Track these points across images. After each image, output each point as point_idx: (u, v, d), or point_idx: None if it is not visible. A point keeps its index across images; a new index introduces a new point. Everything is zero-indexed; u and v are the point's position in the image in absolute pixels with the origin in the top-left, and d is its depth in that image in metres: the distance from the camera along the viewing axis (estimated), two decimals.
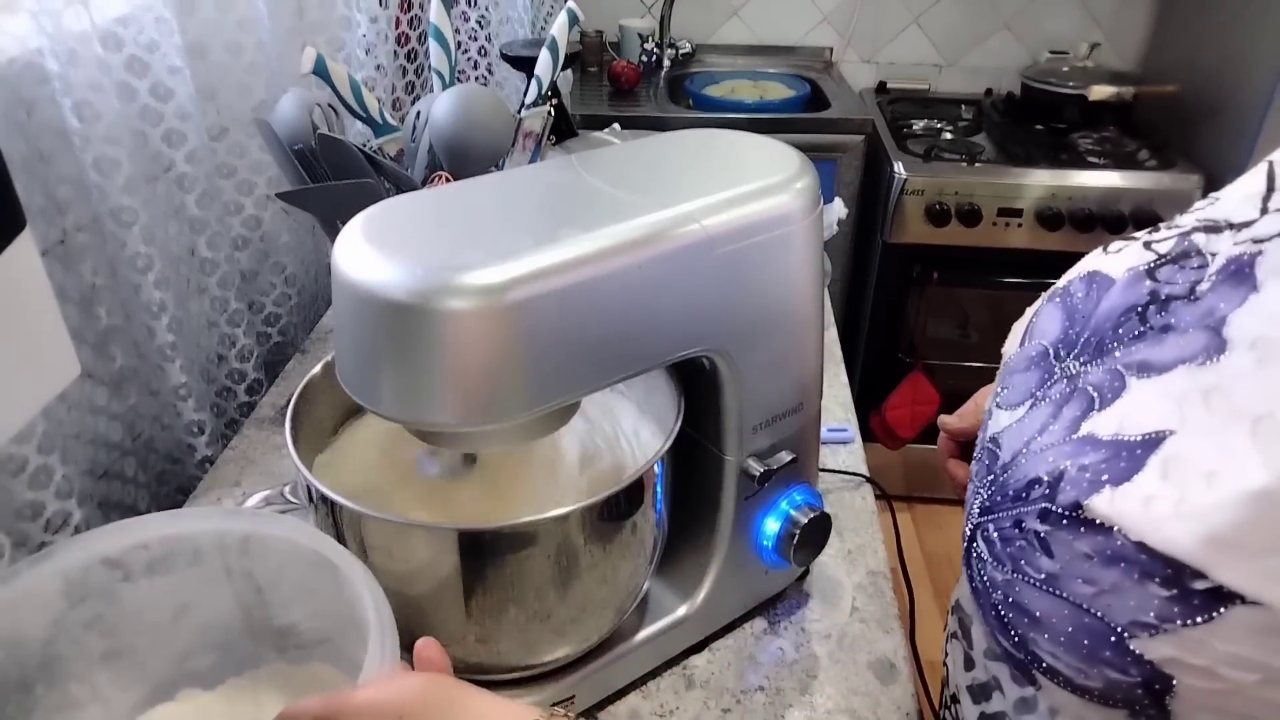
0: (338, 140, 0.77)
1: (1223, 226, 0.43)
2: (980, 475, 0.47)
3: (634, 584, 0.60)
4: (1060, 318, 0.49)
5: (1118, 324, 0.44)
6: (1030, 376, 0.48)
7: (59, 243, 0.73)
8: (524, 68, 1.22)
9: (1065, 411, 0.42)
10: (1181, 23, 2.08)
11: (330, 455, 0.64)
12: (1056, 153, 1.93)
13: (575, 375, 0.49)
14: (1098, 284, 0.48)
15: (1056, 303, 0.50)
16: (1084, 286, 0.49)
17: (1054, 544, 0.39)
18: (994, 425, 0.48)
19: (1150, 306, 0.43)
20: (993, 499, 0.44)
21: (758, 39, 2.34)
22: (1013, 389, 0.48)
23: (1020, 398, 0.47)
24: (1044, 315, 0.51)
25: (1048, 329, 0.49)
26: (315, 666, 0.57)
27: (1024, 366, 0.49)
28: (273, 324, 1.09)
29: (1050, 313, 0.50)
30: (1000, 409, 0.48)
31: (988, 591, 0.43)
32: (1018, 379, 0.48)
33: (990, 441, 0.47)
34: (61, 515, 0.68)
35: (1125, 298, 0.45)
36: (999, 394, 0.50)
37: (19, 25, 0.69)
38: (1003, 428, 0.47)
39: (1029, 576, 0.40)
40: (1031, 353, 0.49)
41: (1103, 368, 0.43)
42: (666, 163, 0.59)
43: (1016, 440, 0.44)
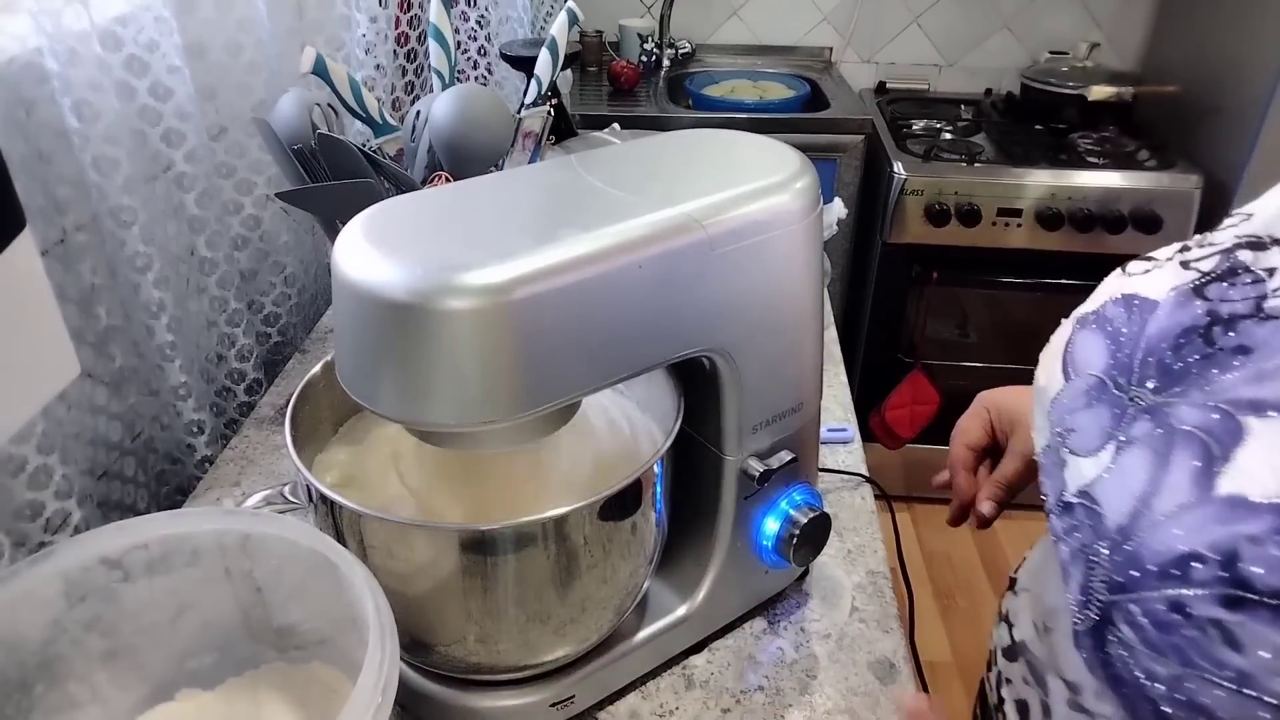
0: (337, 140, 0.77)
1: (1268, 243, 0.41)
2: (1084, 540, 0.41)
3: (634, 584, 0.60)
4: (1103, 344, 0.46)
5: (1176, 345, 0.42)
6: (1098, 415, 0.44)
7: (58, 242, 0.73)
8: (523, 67, 1.22)
9: (1176, 461, 0.38)
10: (1181, 23, 2.08)
11: (329, 454, 0.64)
12: (1056, 153, 1.93)
13: (575, 375, 0.49)
14: (1137, 306, 0.45)
15: (1093, 329, 0.47)
16: (1121, 310, 0.46)
17: (1244, 636, 0.34)
18: (1075, 475, 0.43)
19: (1214, 327, 0.41)
20: (1124, 574, 0.38)
21: (757, 39, 2.34)
22: (1082, 431, 0.44)
23: (1097, 441, 0.43)
24: (1082, 344, 0.47)
25: (1092, 358, 0.46)
26: (315, 666, 0.57)
27: (1083, 403, 0.45)
28: (272, 324, 1.09)
29: (1090, 341, 0.47)
30: (1076, 455, 0.44)
31: (1140, 683, 0.38)
32: (1082, 418, 0.44)
33: (1081, 496, 0.42)
34: (61, 515, 0.68)
35: (1177, 318, 0.42)
36: (1062, 435, 0.45)
37: (18, 25, 0.69)
38: (1092, 479, 0.42)
39: (1208, 673, 0.35)
40: (1084, 386, 0.45)
41: (1194, 404, 0.39)
42: (666, 163, 0.59)
43: (1123, 497, 0.40)
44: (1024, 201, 1.84)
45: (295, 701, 0.56)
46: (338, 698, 0.55)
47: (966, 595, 1.99)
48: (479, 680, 0.60)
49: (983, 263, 1.91)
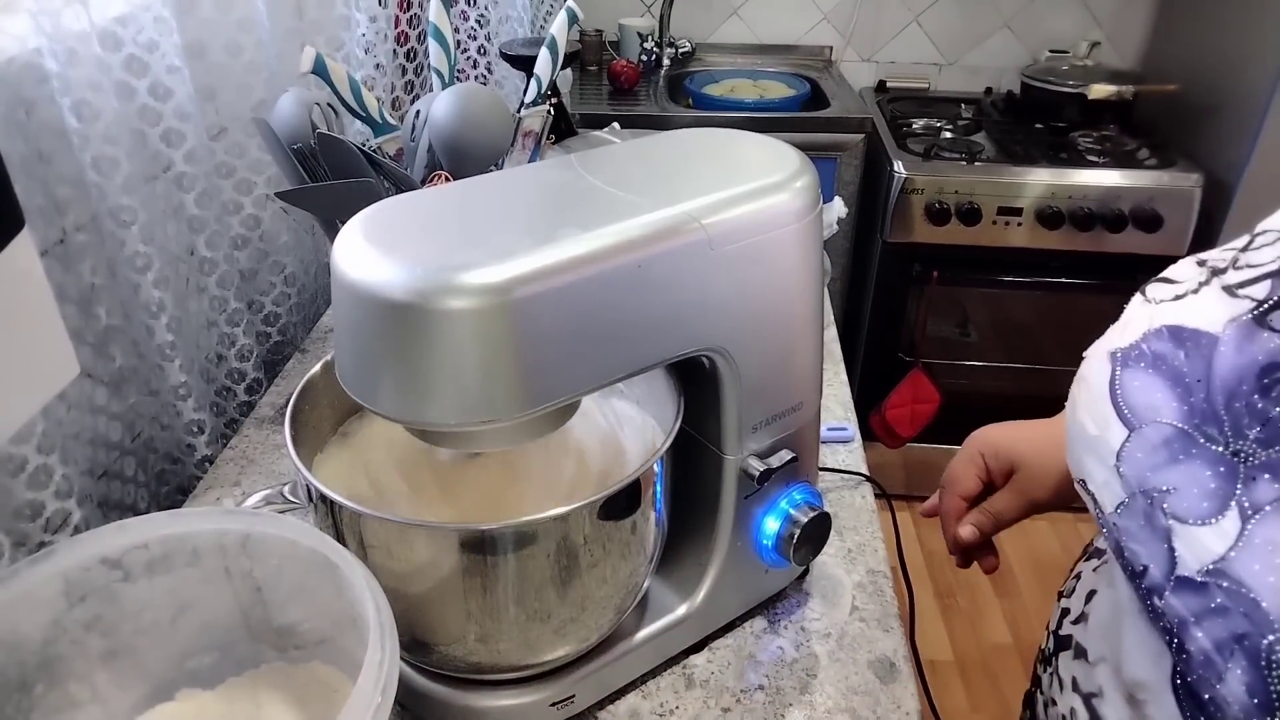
0: (337, 139, 0.77)
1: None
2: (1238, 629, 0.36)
3: (634, 583, 0.60)
4: (1164, 386, 0.41)
5: (1263, 388, 0.38)
6: (1194, 471, 0.39)
7: (58, 242, 0.73)
8: (523, 67, 1.22)
9: None
10: (1181, 22, 2.08)
11: (329, 455, 0.64)
12: (1056, 152, 1.93)
13: (575, 375, 0.49)
14: (1190, 341, 0.41)
15: (1143, 370, 0.43)
16: (1171, 346, 0.42)
17: None
18: (1196, 549, 0.38)
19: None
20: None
21: (757, 38, 2.34)
22: (1183, 493, 0.39)
23: (1209, 505, 0.38)
24: (1137, 387, 0.43)
25: (1158, 404, 0.41)
26: (315, 666, 0.57)
27: (1166, 458, 0.40)
28: (272, 323, 1.09)
29: (1144, 382, 0.42)
30: (1183, 523, 0.39)
31: None
32: (1175, 476, 0.40)
33: (1218, 578, 0.37)
34: (61, 515, 0.68)
35: (1250, 354, 0.39)
36: (1152, 496, 0.41)
37: (18, 25, 0.69)
38: (1222, 554, 0.37)
39: None
40: (1159, 438, 0.41)
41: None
42: (666, 162, 0.59)
43: (1276, 575, 0.35)
44: (1024, 200, 1.84)
45: (295, 701, 0.56)
46: (338, 698, 0.55)
47: (967, 594, 1.99)
48: (479, 680, 0.60)
49: (983, 262, 1.91)
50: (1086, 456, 0.45)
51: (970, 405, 2.00)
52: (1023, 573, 2.01)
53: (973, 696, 1.77)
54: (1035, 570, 2.01)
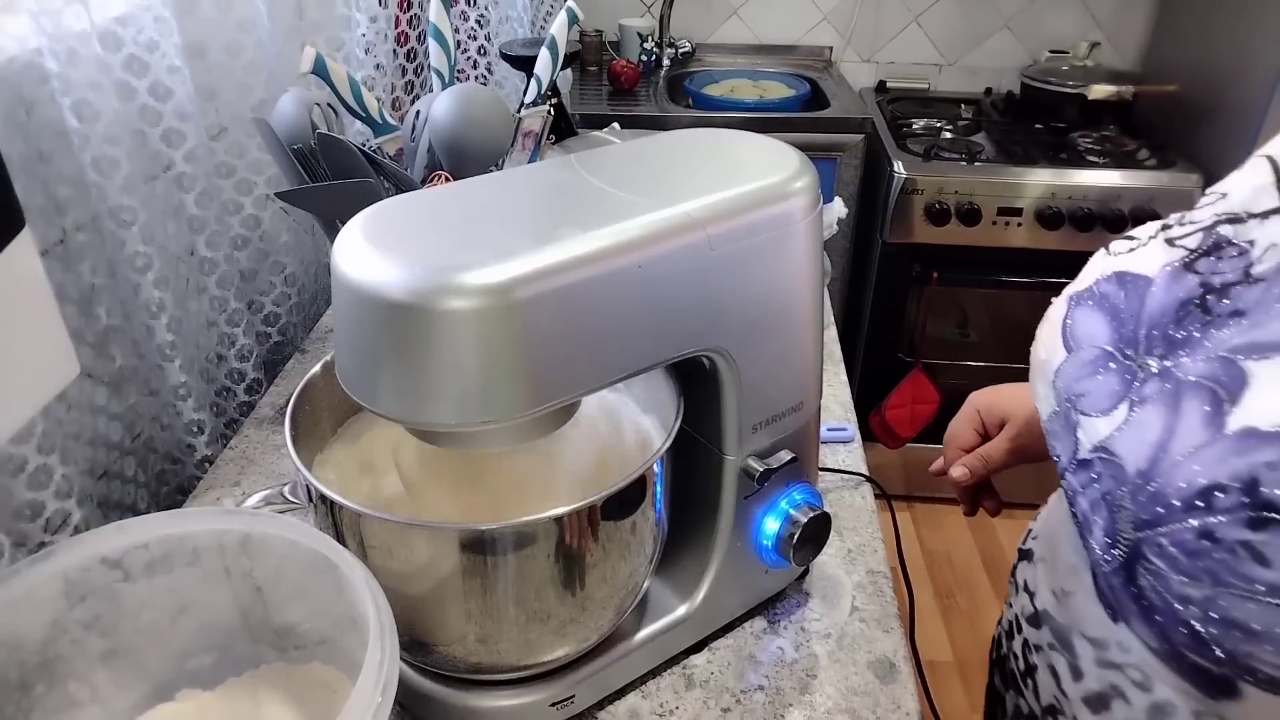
0: (337, 140, 0.77)
1: (1244, 217, 0.46)
2: (1105, 488, 0.45)
3: (634, 583, 0.60)
4: (1104, 320, 0.50)
5: (1178, 318, 0.45)
6: (1107, 380, 0.47)
7: (58, 242, 0.73)
8: (523, 67, 1.22)
9: (1187, 408, 0.42)
10: (1181, 23, 2.08)
11: (329, 455, 0.64)
12: (1056, 152, 1.93)
13: (575, 375, 0.49)
14: (1130, 283, 0.49)
15: (1090, 306, 0.51)
16: (1115, 288, 0.50)
17: (1272, 552, 0.37)
18: (1090, 433, 0.47)
19: (1208, 296, 0.44)
20: (1151, 512, 0.41)
21: (757, 38, 2.34)
22: (1093, 395, 0.48)
23: (1108, 402, 0.47)
24: (1082, 319, 0.51)
25: (1094, 332, 0.50)
26: (315, 666, 0.57)
27: (1089, 372, 0.49)
28: (272, 323, 1.09)
29: (1090, 316, 0.51)
30: (1089, 416, 0.47)
31: (1173, 609, 0.41)
32: (1091, 384, 0.48)
33: (1098, 451, 0.46)
34: (61, 515, 0.68)
35: (1174, 293, 0.46)
36: (1071, 401, 0.49)
37: (18, 25, 0.69)
38: (1107, 435, 0.46)
39: (1239, 589, 0.38)
40: (1089, 356, 0.49)
41: (1197, 359, 0.43)
42: (666, 162, 0.59)
43: (1139, 445, 0.43)
44: (1024, 201, 1.84)
45: (295, 701, 0.56)
46: (338, 698, 0.55)
47: (966, 595, 1.99)
48: (479, 680, 0.60)
49: (983, 262, 1.90)
50: (1037, 379, 0.54)
51: None
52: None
53: (973, 696, 1.77)
54: None
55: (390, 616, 0.47)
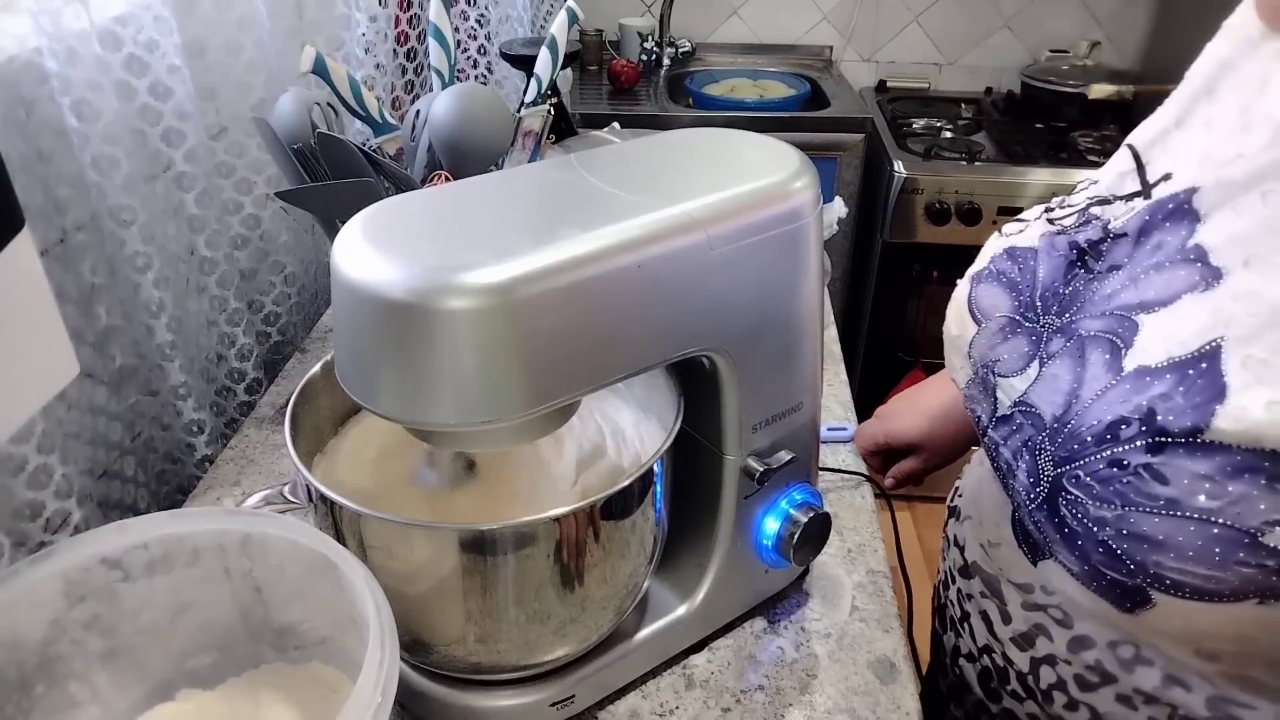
0: (337, 139, 0.77)
1: (1111, 199, 0.54)
2: (1025, 436, 0.51)
3: (634, 584, 0.60)
4: (1003, 291, 0.57)
5: (1066, 280, 0.53)
6: (1016, 343, 0.54)
7: (58, 242, 0.73)
8: (523, 66, 1.21)
9: (1091, 358, 0.48)
10: (1181, 22, 2.08)
11: (329, 454, 0.64)
12: (1056, 151, 1.93)
13: (575, 375, 0.49)
14: (1020, 256, 0.57)
15: (989, 282, 0.59)
16: (1008, 263, 0.58)
17: (1169, 472, 0.43)
18: (1009, 391, 0.53)
19: (1086, 256, 0.52)
20: (1068, 449, 0.47)
21: (757, 38, 2.34)
22: (1006, 359, 0.54)
23: (1021, 362, 0.53)
24: (984, 294, 0.58)
25: (996, 303, 0.57)
26: (315, 666, 0.57)
27: (999, 339, 0.55)
28: (272, 323, 1.09)
29: (990, 291, 0.58)
30: (1004, 377, 0.54)
31: (1091, 531, 0.46)
32: (1003, 349, 0.55)
33: (1017, 405, 0.52)
34: (61, 515, 0.68)
35: (1055, 259, 0.54)
36: (987, 367, 0.56)
37: (18, 24, 0.69)
38: (1024, 390, 0.52)
39: (1144, 506, 0.43)
40: (996, 326, 0.56)
41: (1092, 315, 0.49)
42: (666, 162, 0.59)
43: (1053, 395, 0.49)
44: (1025, 200, 1.83)
45: (295, 701, 0.56)
46: (338, 698, 0.55)
47: None
48: (479, 680, 0.60)
49: None
50: (952, 354, 0.61)
51: None
52: None
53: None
54: None
55: (390, 616, 0.47)
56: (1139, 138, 0.55)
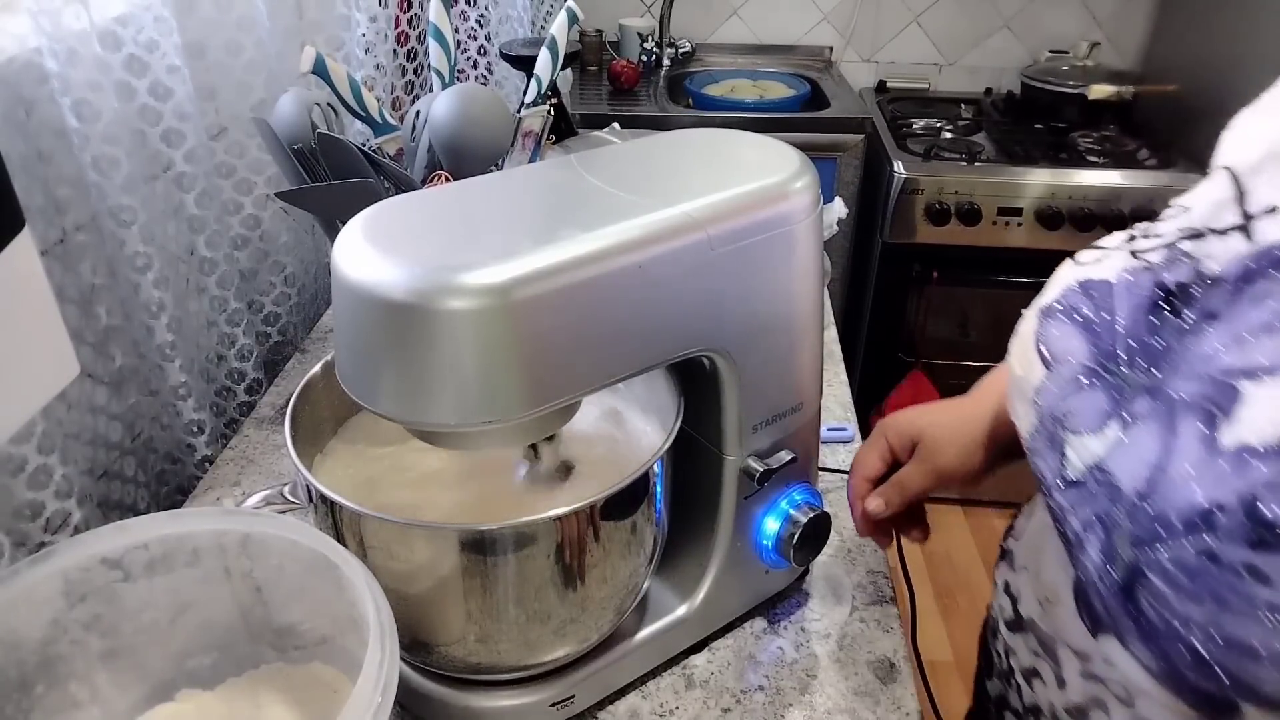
0: (337, 139, 0.77)
1: (1205, 233, 0.46)
2: (1100, 508, 0.44)
3: (634, 584, 0.60)
4: (1078, 333, 0.49)
5: (1152, 329, 0.45)
6: (1092, 398, 0.46)
7: (58, 242, 0.73)
8: (523, 67, 1.22)
9: (1183, 428, 0.41)
10: (1181, 22, 2.08)
11: (330, 454, 0.64)
12: (1056, 152, 1.93)
13: (575, 375, 0.49)
14: (1097, 292, 0.49)
15: (1061, 319, 0.50)
16: (1084, 300, 0.50)
17: (1274, 573, 0.37)
18: (1081, 453, 0.46)
19: (1172, 299, 0.45)
20: (1149, 530, 0.41)
21: (757, 38, 2.34)
22: (1081, 413, 0.46)
23: (1097, 421, 0.45)
24: (1056, 335, 0.50)
25: (1072, 346, 0.49)
26: (315, 666, 0.57)
27: (1072, 390, 0.48)
28: (272, 323, 1.09)
29: (1062, 330, 0.50)
30: (1076, 434, 0.46)
31: (1174, 629, 0.41)
32: (1078, 402, 0.47)
33: (1093, 471, 0.45)
34: (61, 515, 0.68)
35: (1138, 300, 0.46)
36: (1057, 420, 0.48)
37: (18, 24, 0.69)
38: (1101, 455, 0.45)
39: (1241, 610, 0.38)
40: (1069, 373, 0.48)
41: (1186, 376, 0.42)
42: (666, 162, 0.59)
43: (1135, 466, 0.42)
44: (1024, 201, 1.84)
45: (295, 701, 0.56)
46: (338, 698, 0.55)
47: (966, 594, 1.99)
48: (479, 680, 0.60)
49: (983, 262, 1.90)
50: (1015, 397, 0.53)
51: None
52: None
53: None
54: None
55: (390, 616, 0.47)
56: (1239, 158, 0.48)
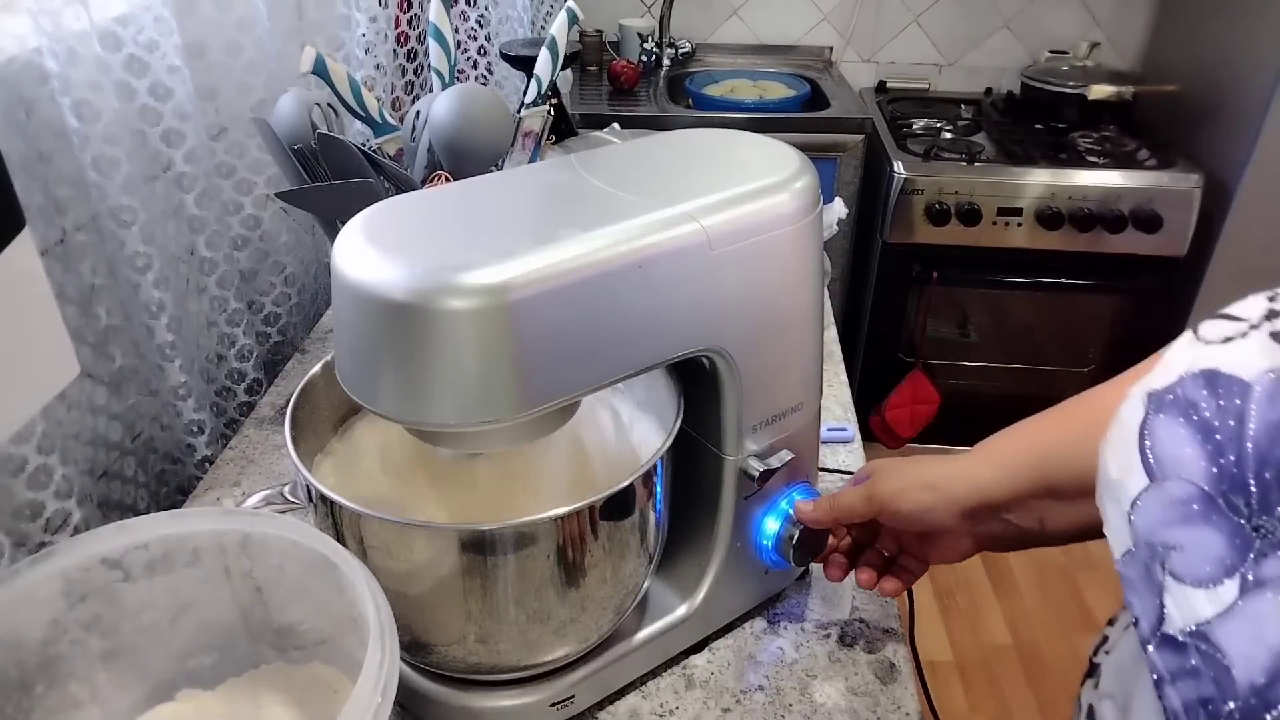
0: (337, 140, 0.77)
1: None
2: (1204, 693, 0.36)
3: (634, 584, 0.60)
4: (1195, 440, 0.39)
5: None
6: (1208, 537, 0.37)
7: (58, 242, 0.73)
8: (523, 67, 1.22)
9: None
10: (1181, 22, 2.08)
11: (329, 455, 0.64)
12: (1056, 152, 1.93)
13: (575, 375, 0.49)
14: (1225, 390, 0.39)
15: (1175, 416, 0.40)
16: (1206, 395, 0.39)
17: None
18: (1184, 607, 0.37)
19: None
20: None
21: (757, 38, 2.34)
22: (1189, 554, 0.38)
23: (1212, 570, 0.37)
24: (1167, 436, 0.40)
25: (1184, 457, 0.39)
26: (315, 666, 0.57)
27: (1182, 517, 0.39)
28: (272, 323, 1.09)
29: (1175, 433, 0.40)
30: (1182, 582, 0.38)
31: None
32: (1187, 537, 0.38)
33: (1197, 637, 0.37)
34: (61, 515, 0.68)
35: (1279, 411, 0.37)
36: (1157, 551, 0.39)
37: (18, 24, 0.69)
38: (1209, 618, 0.36)
39: None
40: (1180, 494, 0.39)
41: None
42: (666, 162, 0.59)
43: (1258, 650, 0.34)
44: (1024, 201, 1.84)
45: (295, 701, 0.56)
46: (338, 698, 0.55)
47: (966, 594, 1.99)
48: (479, 680, 0.60)
49: (983, 262, 1.91)
50: (1106, 499, 0.43)
51: (970, 405, 2.00)
52: (1022, 573, 2.01)
53: (973, 697, 1.77)
54: (1035, 571, 2.01)
55: (390, 616, 0.47)
56: None
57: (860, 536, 0.67)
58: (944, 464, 0.60)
